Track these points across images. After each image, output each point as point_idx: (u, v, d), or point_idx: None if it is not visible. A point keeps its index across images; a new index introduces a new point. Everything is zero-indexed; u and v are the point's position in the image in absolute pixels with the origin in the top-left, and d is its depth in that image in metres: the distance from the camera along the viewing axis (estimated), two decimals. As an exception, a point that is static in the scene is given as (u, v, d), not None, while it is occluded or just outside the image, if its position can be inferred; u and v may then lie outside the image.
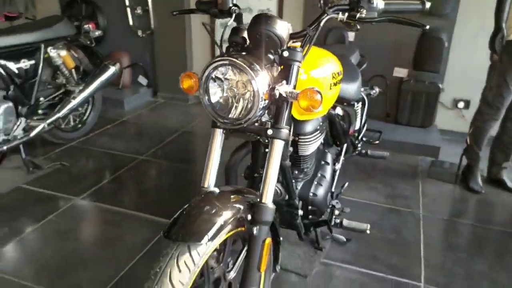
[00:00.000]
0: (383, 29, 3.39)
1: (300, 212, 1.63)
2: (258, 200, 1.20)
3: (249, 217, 1.18)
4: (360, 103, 2.24)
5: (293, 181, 1.62)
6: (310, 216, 1.72)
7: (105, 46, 4.39)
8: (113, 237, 2.17)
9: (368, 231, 1.83)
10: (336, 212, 1.85)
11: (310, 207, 1.67)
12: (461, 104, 3.47)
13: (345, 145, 2.09)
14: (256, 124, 1.24)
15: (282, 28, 1.14)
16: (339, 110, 1.86)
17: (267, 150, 1.21)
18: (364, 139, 2.51)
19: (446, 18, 3.23)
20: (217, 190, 1.25)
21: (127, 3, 4.21)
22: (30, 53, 2.68)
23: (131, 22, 4.28)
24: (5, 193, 2.55)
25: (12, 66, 2.58)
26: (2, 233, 2.17)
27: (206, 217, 1.09)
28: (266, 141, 1.23)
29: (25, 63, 2.64)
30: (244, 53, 1.16)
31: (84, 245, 2.14)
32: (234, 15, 1.32)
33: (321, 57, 1.44)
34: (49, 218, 2.31)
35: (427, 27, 1.20)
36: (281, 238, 1.47)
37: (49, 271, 1.92)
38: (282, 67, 1.20)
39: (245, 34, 1.18)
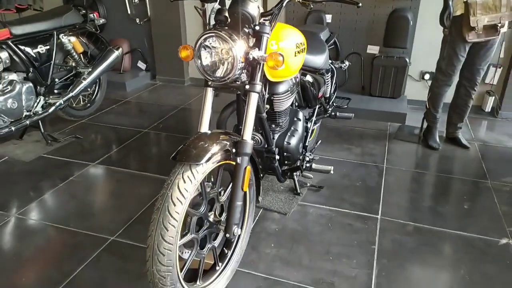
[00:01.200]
0: (358, 11, 3.81)
1: (277, 157, 2.06)
2: (241, 137, 1.63)
3: (234, 150, 1.61)
4: (330, 73, 2.66)
5: (271, 132, 2.05)
6: (286, 162, 2.15)
7: (106, 33, 4.76)
8: (124, 192, 2.60)
9: (332, 172, 2.28)
10: (307, 158, 2.29)
11: (285, 154, 2.10)
12: (427, 76, 3.90)
13: (317, 108, 2.52)
14: (238, 82, 1.66)
15: (253, 8, 1.56)
16: (309, 78, 2.28)
17: None
18: (334, 104, 2.93)
19: (411, -1, 3.64)
20: (209, 132, 1.68)
21: (124, -7, 4.57)
22: (45, 39, 3.08)
23: (129, 11, 4.65)
24: (30, 161, 2.96)
25: (31, 51, 2.97)
26: (32, 192, 2.60)
27: (202, 147, 1.51)
28: (245, 96, 1.65)
29: (41, 48, 3.04)
30: (226, 28, 1.57)
31: (102, 198, 2.57)
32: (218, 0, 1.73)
33: (287, 31, 1.86)
34: (70, 179, 2.74)
35: (360, 4, 1.60)
36: (261, 175, 1.90)
37: (75, 216, 2.35)
38: (255, 38, 1.62)
39: (227, 14, 1.59)
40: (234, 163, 1.62)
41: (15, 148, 3.16)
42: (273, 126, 2.07)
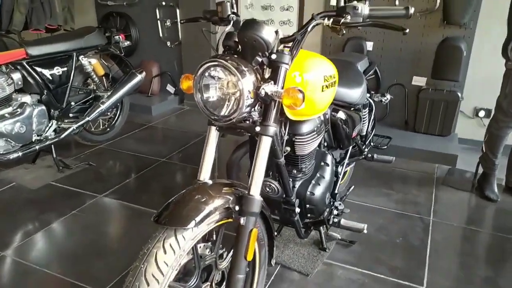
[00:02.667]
0: (403, 39, 3.44)
1: (297, 210, 1.70)
2: (246, 192, 1.29)
3: (237, 208, 1.28)
4: (367, 108, 2.28)
5: (291, 179, 1.70)
6: (309, 215, 1.78)
7: (137, 56, 4.66)
8: (128, 233, 2.32)
9: (365, 231, 1.87)
10: (335, 212, 1.90)
11: (307, 206, 1.74)
12: (482, 113, 3.42)
13: (350, 148, 2.14)
14: (248, 122, 1.34)
15: (269, 33, 1.24)
16: (341, 114, 1.93)
17: None
18: (372, 144, 2.54)
19: (465, 28, 3.22)
20: (210, 182, 1.35)
21: (158, 16, 4.45)
22: (63, 61, 2.92)
23: (161, 34, 4.52)
24: (36, 189, 2.76)
25: (46, 72, 2.82)
26: (27, 226, 2.37)
27: (194, 205, 1.19)
28: (256, 138, 1.33)
29: (58, 70, 2.88)
30: (235, 56, 1.26)
31: (101, 239, 2.29)
32: (232, 22, 1.43)
33: (315, 61, 1.53)
34: (72, 212, 2.50)
35: (407, 30, 1.25)
36: (275, 234, 1.54)
37: (66, 260, 2.08)
38: (271, 69, 1.30)
39: (236, 39, 1.29)
40: (237, 222, 1.28)
41: (26, 173, 2.98)
42: (294, 172, 1.72)
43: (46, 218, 2.43)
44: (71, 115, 3.02)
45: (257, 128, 1.29)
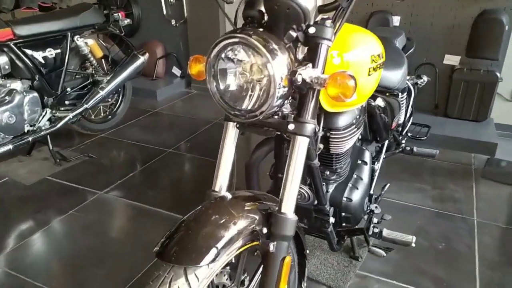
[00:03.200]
0: (434, 12, 3.07)
1: (332, 220, 1.40)
2: (277, 209, 1.00)
3: (265, 230, 0.98)
4: (406, 93, 1.96)
5: (324, 183, 1.40)
6: (344, 224, 1.49)
7: (139, 36, 4.32)
8: (129, 237, 2.05)
9: (413, 244, 1.57)
10: (375, 219, 1.60)
11: (343, 214, 1.44)
12: (523, 96, 3.07)
13: (386, 142, 1.83)
14: (276, 117, 1.03)
15: (307, -2, 0.92)
16: (380, 101, 1.61)
17: None
18: (409, 134, 2.22)
19: (508, -3, 2.84)
20: (229, 196, 1.06)
21: (160, -9, 4.10)
22: (56, 42, 2.61)
23: (165, 11, 4.17)
24: (30, 185, 2.50)
25: (37, 55, 2.52)
26: (23, 227, 2.11)
27: (210, 231, 0.90)
28: (288, 137, 1.02)
29: (50, 52, 2.58)
30: (260, 30, 0.95)
31: (98, 245, 2.02)
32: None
33: (358, 36, 1.21)
34: (69, 213, 2.23)
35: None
36: (307, 251, 1.26)
37: (58, 272, 1.82)
38: (307, 47, 0.98)
39: (263, 7, 0.97)
40: (259, 243, 1.00)
41: (20, 166, 2.72)
42: (327, 174, 1.42)
43: (40, 220, 2.17)
44: (67, 102, 2.73)
45: (290, 126, 0.98)
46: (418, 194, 2.36)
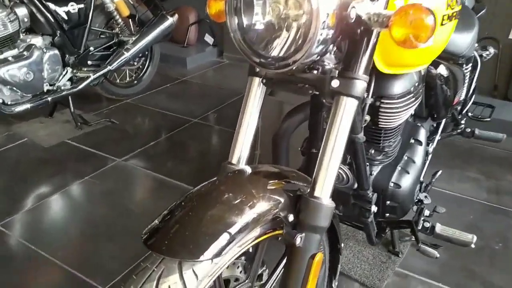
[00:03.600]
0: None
1: (374, 208, 1.16)
2: (308, 191, 0.76)
3: (291, 217, 0.76)
4: (470, 64, 1.64)
5: (367, 164, 1.15)
6: (387, 215, 1.23)
7: (172, 0, 4.10)
8: (144, 209, 1.88)
9: (473, 245, 1.29)
10: (426, 211, 1.33)
11: (388, 202, 1.19)
12: None
13: (443, 120, 1.54)
14: (315, 72, 0.79)
15: None
16: (442, 69, 1.32)
17: None
18: (469, 114, 1.91)
19: None
20: (248, 170, 0.83)
21: (196, -49, 3.83)
22: (80, -4, 2.43)
23: (200, -27, 3.92)
24: (49, 147, 2.39)
25: (59, 9, 2.34)
26: (34, 192, 1.99)
27: (219, 214, 0.68)
28: (328, 101, 0.78)
29: (73, 7, 2.40)
30: None
31: (116, 213, 1.87)
32: None
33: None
34: (85, 178, 2.09)
35: None
36: (341, 245, 1.02)
37: (67, 244, 1.69)
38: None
39: None
40: (288, 237, 0.77)
41: (40, 128, 2.60)
42: (372, 153, 1.17)
43: (54, 184, 2.04)
44: (90, 62, 2.56)
45: (334, 83, 0.74)
46: (470, 184, 2.05)
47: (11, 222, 1.78)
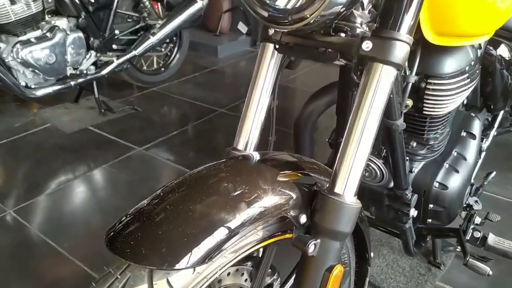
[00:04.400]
0: None
1: (413, 212, 0.96)
2: (327, 187, 0.59)
3: (303, 218, 0.59)
4: (536, 48, 1.39)
5: (407, 158, 0.95)
6: (430, 220, 1.03)
7: (206, -13, 3.99)
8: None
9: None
10: (477, 219, 1.11)
11: (431, 206, 0.98)
12: None
13: (501, 113, 1.31)
14: (343, 35, 0.61)
15: None
16: (504, 50, 1.10)
17: None
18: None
19: None
20: (256, 156, 0.67)
21: None
22: (106, -24, 2.35)
23: (234, -40, 3.78)
24: (70, 133, 2.32)
25: (84, -11, 2.27)
26: (50, 178, 1.92)
27: (209, 207, 0.52)
28: (359, 75, 0.60)
29: (99, -12, 2.32)
30: None
31: (130, 203, 1.76)
32: None
33: None
34: (102, 166, 2.01)
35: None
36: (371, 254, 0.84)
37: (78, 232, 1.59)
38: None
39: None
40: (298, 243, 0.60)
41: (64, 113, 2.56)
42: (414, 145, 0.97)
43: (71, 171, 1.97)
44: (115, 47, 2.48)
45: (366, 45, 0.56)
46: (528, 190, 1.79)
47: (28, 206, 1.71)
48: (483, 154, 1.26)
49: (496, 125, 1.30)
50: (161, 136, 2.29)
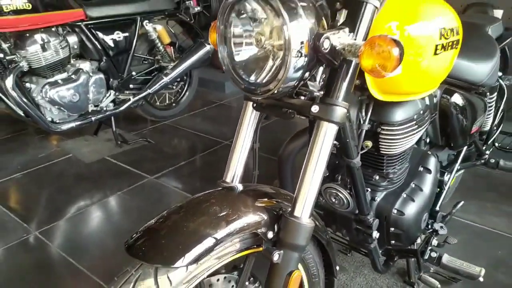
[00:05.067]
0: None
1: (376, 234, 1.15)
2: (289, 211, 0.80)
3: (270, 234, 0.79)
4: (496, 93, 1.60)
5: (369, 189, 1.16)
6: (393, 242, 1.22)
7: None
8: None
9: (481, 279, 1.24)
10: (435, 241, 1.30)
11: (392, 229, 1.18)
12: None
13: (464, 150, 1.51)
14: (303, 98, 0.83)
15: None
16: (457, 98, 1.31)
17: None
18: (496, 144, 1.84)
19: None
20: (239, 187, 0.88)
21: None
22: (125, 25, 2.65)
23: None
24: (89, 163, 2.57)
25: (107, 37, 2.56)
26: (68, 204, 2.15)
27: (199, 224, 0.73)
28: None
29: (119, 36, 2.61)
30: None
31: (140, 224, 1.97)
32: None
33: (426, 4, 0.94)
34: (117, 193, 2.23)
35: None
36: (337, 268, 1.03)
37: (96, 249, 1.80)
38: (348, 11, 0.77)
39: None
40: (266, 254, 0.80)
41: (84, 145, 2.81)
42: (376, 178, 1.17)
43: (88, 197, 2.19)
44: (131, 86, 2.76)
45: (314, 109, 0.78)
46: (504, 219, 1.95)
47: (51, 228, 1.93)
48: (447, 185, 1.45)
49: (459, 160, 1.49)
50: (171, 166, 2.52)
